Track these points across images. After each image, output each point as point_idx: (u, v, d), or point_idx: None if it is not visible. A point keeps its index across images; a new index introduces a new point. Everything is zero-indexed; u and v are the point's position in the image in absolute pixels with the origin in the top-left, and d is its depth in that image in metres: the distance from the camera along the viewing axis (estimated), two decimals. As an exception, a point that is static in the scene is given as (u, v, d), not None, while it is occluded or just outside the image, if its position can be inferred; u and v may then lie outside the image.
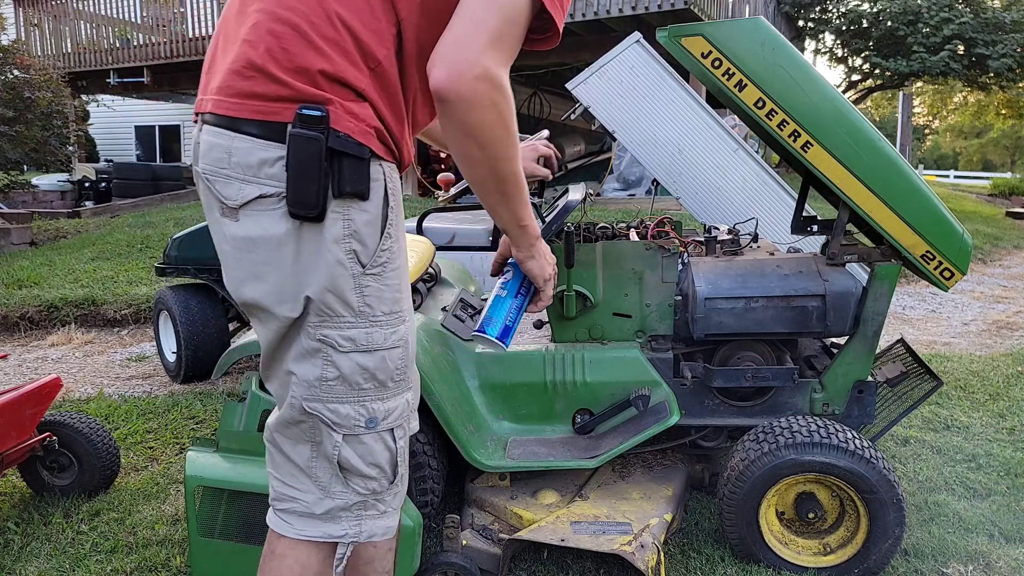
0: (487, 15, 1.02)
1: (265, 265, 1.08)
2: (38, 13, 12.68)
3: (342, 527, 1.16)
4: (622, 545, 1.81)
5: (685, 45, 1.89)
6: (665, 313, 2.17)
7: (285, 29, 1.04)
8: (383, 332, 1.11)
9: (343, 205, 1.05)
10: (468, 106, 1.02)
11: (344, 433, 1.12)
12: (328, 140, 1.01)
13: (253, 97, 1.04)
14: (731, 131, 3.60)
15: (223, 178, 1.07)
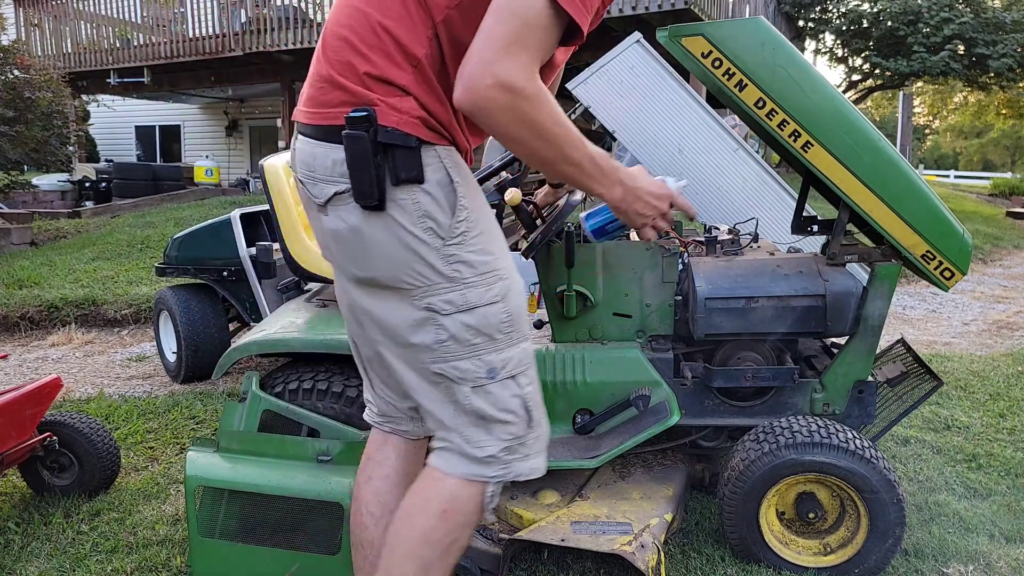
0: (497, 24, 1.09)
1: (356, 249, 1.22)
2: (38, 13, 12.67)
3: (492, 469, 1.27)
4: (622, 545, 1.81)
5: (685, 45, 1.89)
6: (665, 313, 2.17)
7: (339, 43, 1.20)
8: (478, 291, 1.22)
9: (406, 191, 1.17)
10: (488, 115, 1.10)
11: (471, 385, 1.24)
12: (377, 135, 1.14)
13: (324, 106, 1.20)
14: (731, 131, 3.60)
15: (313, 181, 1.23)
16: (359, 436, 1.88)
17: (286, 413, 1.94)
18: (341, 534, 1.75)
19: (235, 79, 12.20)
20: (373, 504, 1.44)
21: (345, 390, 1.97)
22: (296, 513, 1.78)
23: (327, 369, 2.03)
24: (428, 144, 1.18)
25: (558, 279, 2.17)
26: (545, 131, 1.14)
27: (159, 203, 10.56)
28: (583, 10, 1.13)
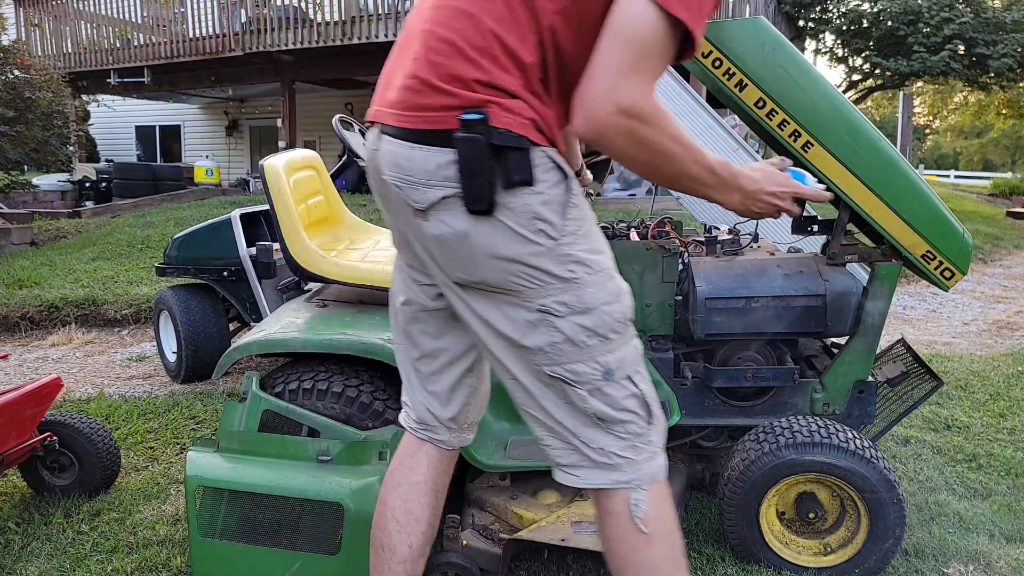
0: (614, 48, 1.08)
1: (462, 255, 1.19)
2: (38, 13, 12.68)
3: (625, 473, 1.24)
4: (622, 545, 1.81)
5: (685, 45, 1.89)
6: (665, 313, 2.17)
7: (444, 46, 1.16)
8: (592, 291, 1.20)
9: (517, 193, 1.15)
10: (610, 141, 1.12)
11: (588, 388, 1.21)
12: (491, 138, 1.12)
13: (423, 109, 1.17)
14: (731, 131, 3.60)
15: (410, 184, 1.19)
16: (359, 436, 1.88)
17: (286, 413, 1.94)
18: (341, 534, 1.75)
19: (235, 79, 12.21)
20: (400, 511, 1.43)
21: (345, 390, 1.97)
22: (296, 513, 1.78)
23: (327, 369, 2.03)
24: (536, 145, 1.17)
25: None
26: (666, 151, 1.14)
27: (159, 203, 10.56)
28: (700, 21, 1.11)
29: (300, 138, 12.87)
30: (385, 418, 1.96)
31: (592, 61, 1.10)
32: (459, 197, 1.15)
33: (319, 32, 10.21)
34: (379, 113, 1.26)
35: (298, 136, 12.30)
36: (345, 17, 10.01)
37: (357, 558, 1.75)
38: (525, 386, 1.26)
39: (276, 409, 1.95)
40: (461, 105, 1.14)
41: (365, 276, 2.18)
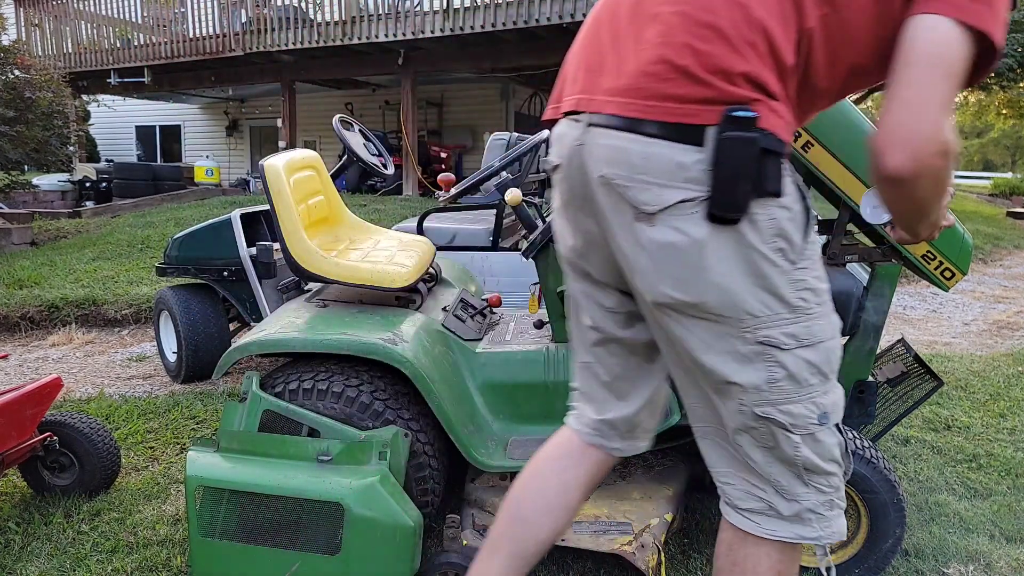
0: (934, 83, 0.97)
1: (688, 268, 1.06)
2: (39, 13, 12.68)
3: (813, 529, 1.13)
4: (622, 545, 1.81)
5: (685, 45, 1.89)
6: (666, 313, 2.17)
7: (707, 32, 1.02)
8: (821, 323, 1.09)
9: (763, 204, 1.03)
10: (918, 182, 1.00)
11: (801, 433, 1.09)
12: (762, 140, 1.00)
13: (669, 99, 1.03)
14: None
15: (641, 184, 1.05)
16: (359, 436, 1.88)
17: (286, 413, 1.94)
18: (341, 534, 1.75)
19: (235, 79, 12.21)
20: (552, 494, 1.35)
21: (345, 390, 1.97)
22: (296, 513, 1.78)
23: (327, 369, 2.03)
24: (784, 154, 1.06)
25: (558, 279, 2.17)
26: (941, 191, 1.04)
27: (159, 203, 10.57)
28: (1000, 32, 0.98)
29: (300, 138, 12.88)
30: (385, 418, 1.96)
31: (906, 91, 0.98)
32: (702, 202, 1.02)
33: (319, 32, 10.21)
34: (589, 101, 1.11)
35: (298, 136, 12.30)
36: (345, 17, 10.01)
37: (357, 558, 1.75)
38: (724, 424, 1.14)
39: (276, 409, 1.95)
40: (721, 100, 1.01)
41: (365, 276, 2.18)
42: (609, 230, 1.13)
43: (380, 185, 11.07)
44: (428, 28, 9.49)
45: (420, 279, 2.34)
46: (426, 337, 2.10)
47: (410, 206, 9.01)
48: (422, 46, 10.14)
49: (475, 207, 4.11)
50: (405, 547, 1.74)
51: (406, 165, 10.68)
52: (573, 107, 1.14)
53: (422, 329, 2.12)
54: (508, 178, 2.28)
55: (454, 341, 2.23)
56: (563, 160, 1.18)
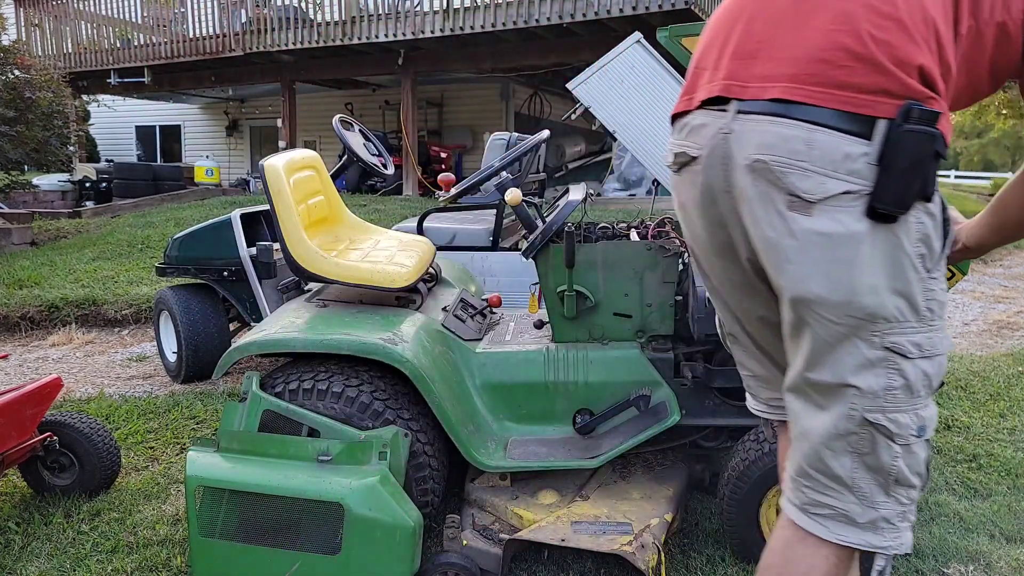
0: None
1: (838, 263, 1.04)
2: (39, 13, 12.68)
3: (884, 538, 1.12)
4: (622, 545, 1.81)
5: (686, 45, 1.89)
6: (666, 313, 2.17)
7: (888, 23, 1.00)
8: (940, 336, 1.08)
9: (916, 207, 1.02)
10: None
11: (901, 444, 1.08)
12: (938, 139, 0.99)
13: (844, 87, 1.01)
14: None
15: (799, 170, 1.02)
16: (359, 436, 1.88)
17: (286, 413, 1.94)
18: (341, 534, 1.75)
19: (235, 79, 12.22)
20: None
21: (345, 390, 1.97)
22: (296, 513, 1.78)
23: (327, 369, 2.03)
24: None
25: (558, 279, 2.17)
26: None
27: (159, 203, 10.56)
28: None
29: (300, 138, 12.88)
30: (385, 418, 1.96)
31: None
32: (863, 196, 1.00)
33: (319, 32, 10.21)
34: (743, 88, 1.09)
35: (298, 136, 12.31)
36: (345, 17, 10.01)
37: (357, 558, 1.75)
38: (822, 423, 1.11)
39: (276, 409, 1.95)
40: (900, 93, 0.98)
41: (365, 276, 2.18)
42: (753, 219, 1.10)
43: (380, 185, 11.07)
44: (428, 28, 9.49)
45: (420, 279, 2.34)
46: (426, 337, 2.10)
47: (410, 206, 9.01)
48: (422, 46, 10.14)
49: (475, 207, 4.11)
50: (405, 547, 1.74)
51: (406, 165, 10.68)
52: (720, 93, 1.11)
53: (422, 329, 2.12)
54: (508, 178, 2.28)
55: (454, 341, 2.23)
56: (703, 151, 1.15)
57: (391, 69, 10.67)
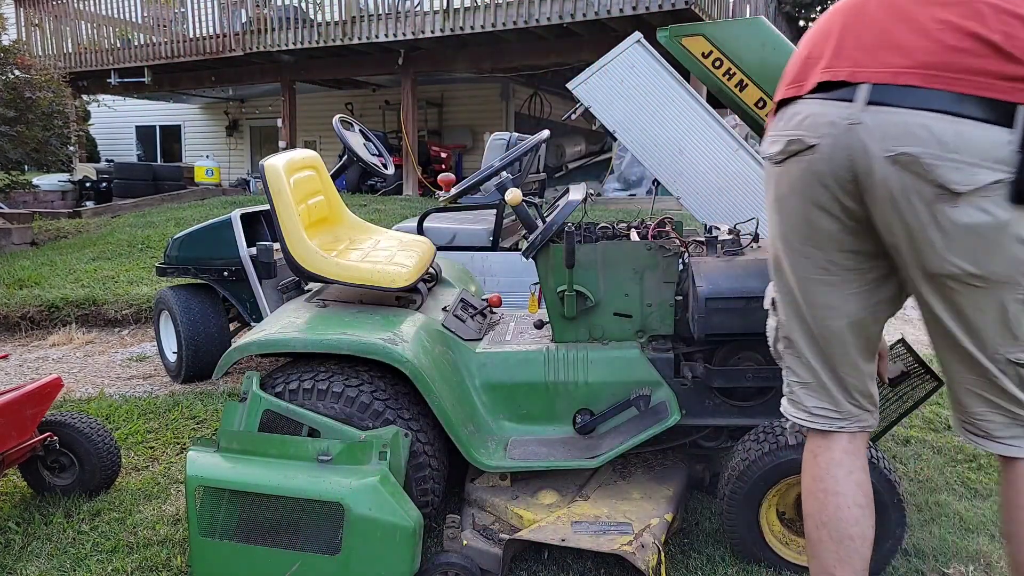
0: None
1: (985, 246, 1.12)
2: (39, 13, 12.68)
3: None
4: (623, 545, 1.81)
5: (686, 45, 1.90)
6: (666, 313, 2.17)
7: (1014, 20, 1.07)
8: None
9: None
10: None
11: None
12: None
13: (981, 74, 1.06)
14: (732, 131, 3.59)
15: (952, 163, 1.07)
16: (359, 436, 1.88)
17: (286, 413, 1.94)
18: (341, 534, 1.75)
19: (236, 79, 12.22)
20: (860, 496, 1.44)
21: (345, 390, 1.97)
22: (296, 513, 1.78)
23: (327, 369, 2.03)
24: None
25: (558, 279, 2.17)
26: None
27: (159, 203, 10.57)
28: None
29: (300, 138, 12.88)
30: (385, 418, 1.96)
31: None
32: (1008, 183, 1.07)
33: (319, 32, 10.22)
34: (873, 74, 1.13)
35: (298, 136, 12.31)
36: (345, 17, 10.01)
37: (357, 558, 1.75)
38: (988, 370, 1.27)
39: (276, 409, 1.95)
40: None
41: (365, 276, 2.18)
42: (893, 210, 1.15)
43: (380, 185, 11.08)
44: (428, 28, 9.49)
45: (420, 279, 2.34)
46: (426, 337, 2.10)
47: (410, 206, 9.01)
48: (422, 46, 10.14)
49: (475, 207, 4.11)
50: (405, 547, 1.74)
51: (406, 165, 10.68)
52: (846, 78, 1.14)
53: (422, 329, 2.12)
54: (508, 178, 2.28)
55: (454, 341, 2.23)
56: (822, 140, 1.18)
57: (391, 69, 10.67)
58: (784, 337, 1.48)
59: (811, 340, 1.42)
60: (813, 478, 1.47)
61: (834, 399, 1.46)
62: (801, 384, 1.48)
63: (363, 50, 10.42)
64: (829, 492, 1.44)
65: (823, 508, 1.45)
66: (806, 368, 1.46)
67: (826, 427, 1.47)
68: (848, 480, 1.44)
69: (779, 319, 1.49)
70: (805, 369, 1.46)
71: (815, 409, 1.48)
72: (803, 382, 1.48)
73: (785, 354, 1.50)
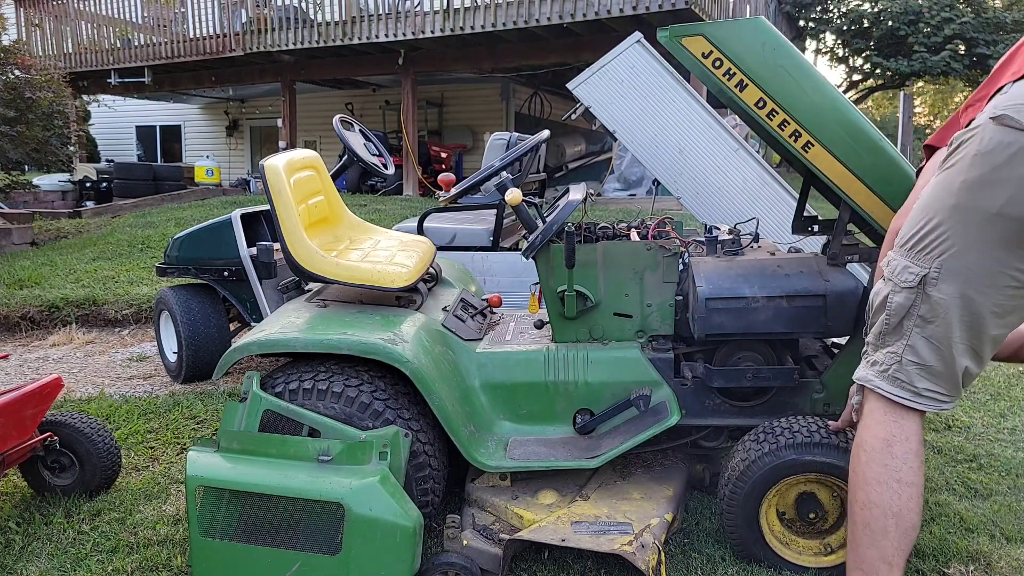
0: None
1: None
2: (39, 13, 12.68)
3: None
4: (623, 545, 1.81)
5: (686, 45, 1.89)
6: (666, 313, 2.17)
7: None
8: None
9: None
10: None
11: None
12: None
13: None
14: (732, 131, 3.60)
15: None
16: (359, 436, 1.88)
17: (287, 413, 1.94)
18: (341, 534, 1.75)
19: (236, 79, 12.22)
20: (923, 487, 1.52)
21: (345, 390, 1.97)
22: (296, 513, 1.78)
23: (327, 369, 2.03)
24: None
25: (559, 279, 2.17)
26: None
27: (160, 203, 10.57)
28: None
29: (300, 138, 12.88)
30: (385, 418, 1.96)
31: None
32: None
33: (319, 32, 10.22)
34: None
35: (298, 136, 12.31)
36: (345, 17, 10.02)
37: (357, 558, 1.75)
38: None
39: (276, 409, 1.95)
40: None
41: (365, 276, 2.18)
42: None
43: (380, 185, 11.08)
44: (428, 28, 9.49)
45: (420, 279, 2.34)
46: (426, 337, 2.10)
47: (410, 206, 9.01)
48: (422, 46, 10.14)
49: (475, 207, 4.11)
50: (405, 547, 1.74)
51: (406, 165, 10.68)
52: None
53: (422, 329, 2.12)
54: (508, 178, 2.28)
55: (454, 341, 2.23)
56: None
57: (391, 69, 10.67)
58: (921, 316, 1.49)
59: (974, 324, 1.46)
60: (886, 467, 1.51)
61: (955, 384, 1.50)
62: (920, 367, 1.51)
63: (363, 50, 10.42)
64: (905, 483, 1.48)
65: (898, 498, 1.49)
66: (936, 353, 1.48)
67: (931, 408, 1.51)
68: (922, 471, 1.49)
69: (928, 296, 1.48)
70: (935, 353, 1.49)
71: (926, 391, 1.51)
72: (924, 364, 1.50)
73: (914, 332, 1.51)
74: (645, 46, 3.50)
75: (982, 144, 1.37)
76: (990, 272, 1.41)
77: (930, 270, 1.46)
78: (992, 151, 1.36)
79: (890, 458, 1.50)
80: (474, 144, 12.93)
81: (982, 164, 1.37)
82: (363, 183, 11.15)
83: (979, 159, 1.37)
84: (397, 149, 11.28)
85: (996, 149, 1.35)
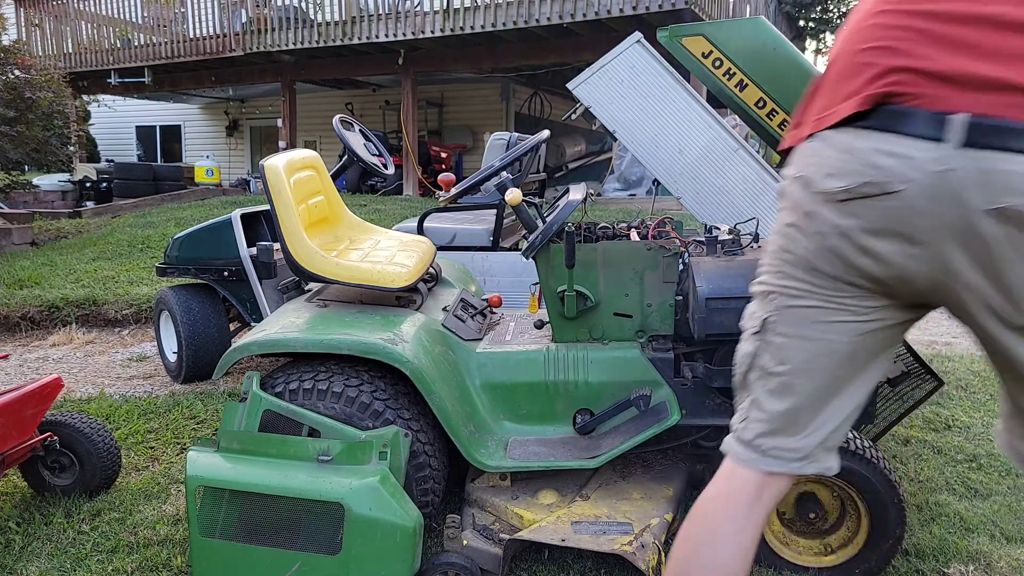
0: None
1: None
2: (39, 13, 12.69)
3: None
4: (623, 545, 1.81)
5: (686, 45, 1.90)
6: (666, 313, 2.17)
7: None
8: None
9: None
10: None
11: None
12: None
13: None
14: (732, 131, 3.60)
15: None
16: (359, 436, 1.88)
17: (287, 413, 1.94)
18: (341, 534, 1.75)
19: (236, 79, 12.22)
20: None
21: (345, 390, 1.97)
22: (296, 513, 1.78)
23: (327, 369, 2.03)
24: None
25: (559, 279, 2.17)
26: None
27: (160, 203, 10.57)
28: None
29: (300, 138, 12.88)
30: (385, 418, 1.96)
31: None
32: None
33: (319, 32, 10.22)
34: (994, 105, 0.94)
35: (298, 136, 12.31)
36: (345, 17, 10.02)
37: (357, 558, 1.75)
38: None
39: (276, 409, 1.95)
40: None
41: (365, 276, 2.18)
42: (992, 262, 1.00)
43: (380, 185, 11.08)
44: (428, 28, 9.49)
45: (420, 279, 2.34)
46: (426, 337, 2.10)
47: (410, 206, 9.01)
48: (422, 46, 10.14)
49: (475, 207, 4.11)
50: (405, 547, 1.74)
51: (406, 165, 10.68)
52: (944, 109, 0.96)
53: (422, 329, 2.12)
54: (508, 178, 2.28)
55: (454, 341, 2.23)
56: (907, 186, 1.00)
57: (391, 69, 10.68)
58: (761, 367, 1.31)
59: (813, 374, 1.27)
60: (704, 514, 1.36)
61: (807, 439, 1.29)
62: (764, 422, 1.29)
63: (363, 50, 10.42)
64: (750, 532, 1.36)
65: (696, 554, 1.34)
66: (784, 403, 1.28)
67: (781, 469, 1.31)
68: (735, 542, 1.33)
69: (767, 344, 1.32)
70: (781, 404, 1.28)
71: (773, 451, 1.30)
72: (770, 419, 1.29)
73: (757, 385, 1.31)
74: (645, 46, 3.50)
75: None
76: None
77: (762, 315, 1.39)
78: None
79: (709, 505, 1.40)
80: (474, 144, 12.93)
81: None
82: (363, 183, 11.15)
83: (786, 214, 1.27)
84: (397, 149, 11.29)
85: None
